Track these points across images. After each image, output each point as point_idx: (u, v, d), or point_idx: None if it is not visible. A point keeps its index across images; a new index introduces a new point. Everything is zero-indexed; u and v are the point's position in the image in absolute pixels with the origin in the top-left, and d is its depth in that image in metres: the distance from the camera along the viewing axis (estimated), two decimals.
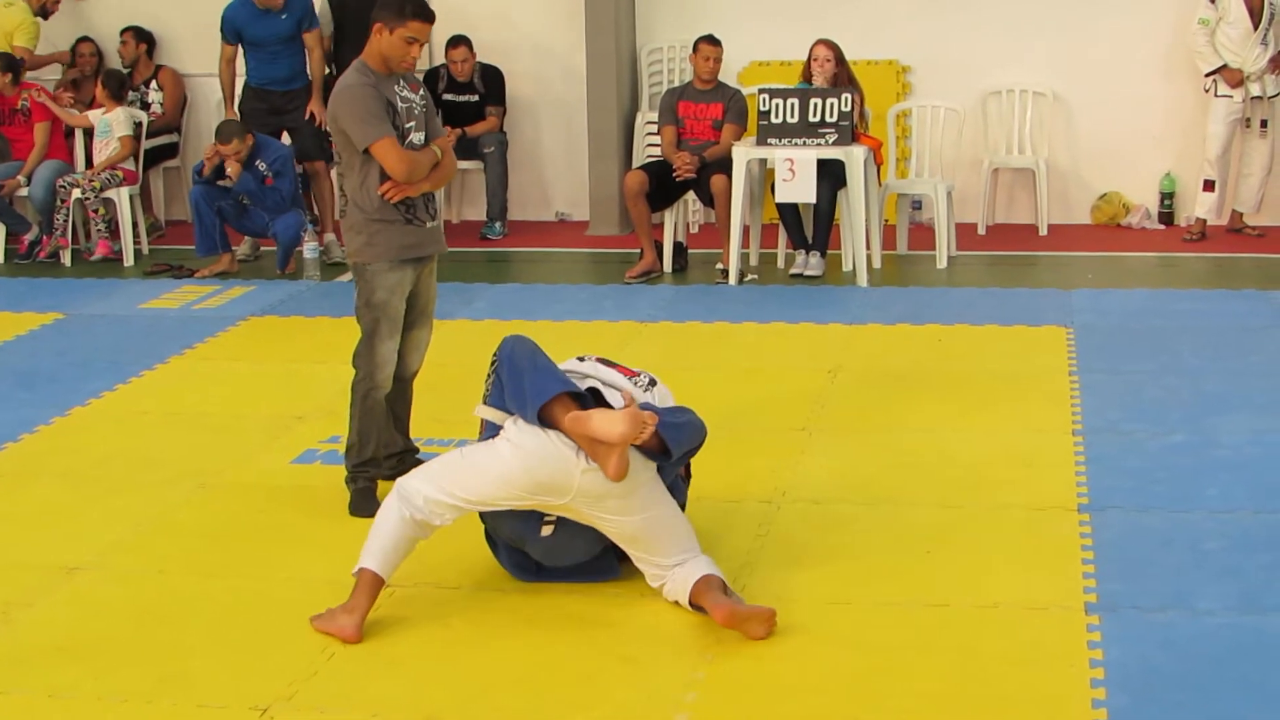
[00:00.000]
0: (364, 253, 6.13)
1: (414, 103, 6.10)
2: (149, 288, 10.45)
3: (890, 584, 5.31)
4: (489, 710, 4.52)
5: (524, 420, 5.03)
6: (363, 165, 6.03)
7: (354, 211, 6.14)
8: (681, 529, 5.20)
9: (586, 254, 11.42)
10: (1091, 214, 11.85)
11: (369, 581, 5.01)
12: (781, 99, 9.96)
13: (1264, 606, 5.04)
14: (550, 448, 4.98)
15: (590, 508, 5.04)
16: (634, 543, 5.14)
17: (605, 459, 4.90)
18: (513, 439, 5.03)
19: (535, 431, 5.00)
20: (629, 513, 5.06)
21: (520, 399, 5.05)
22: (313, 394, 7.74)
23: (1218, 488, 6.11)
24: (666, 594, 5.14)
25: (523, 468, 4.98)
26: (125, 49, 12.51)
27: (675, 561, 5.11)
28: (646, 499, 5.10)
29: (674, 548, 5.13)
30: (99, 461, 6.84)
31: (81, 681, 4.74)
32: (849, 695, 4.53)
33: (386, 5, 5.94)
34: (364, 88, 5.97)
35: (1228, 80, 10.87)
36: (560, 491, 5.00)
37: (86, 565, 5.66)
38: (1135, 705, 4.40)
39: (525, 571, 5.41)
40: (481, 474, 5.05)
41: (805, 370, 7.92)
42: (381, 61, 6.00)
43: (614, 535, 5.15)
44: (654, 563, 5.14)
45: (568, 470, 4.97)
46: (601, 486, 4.97)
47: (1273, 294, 9.32)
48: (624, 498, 5.03)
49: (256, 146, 10.59)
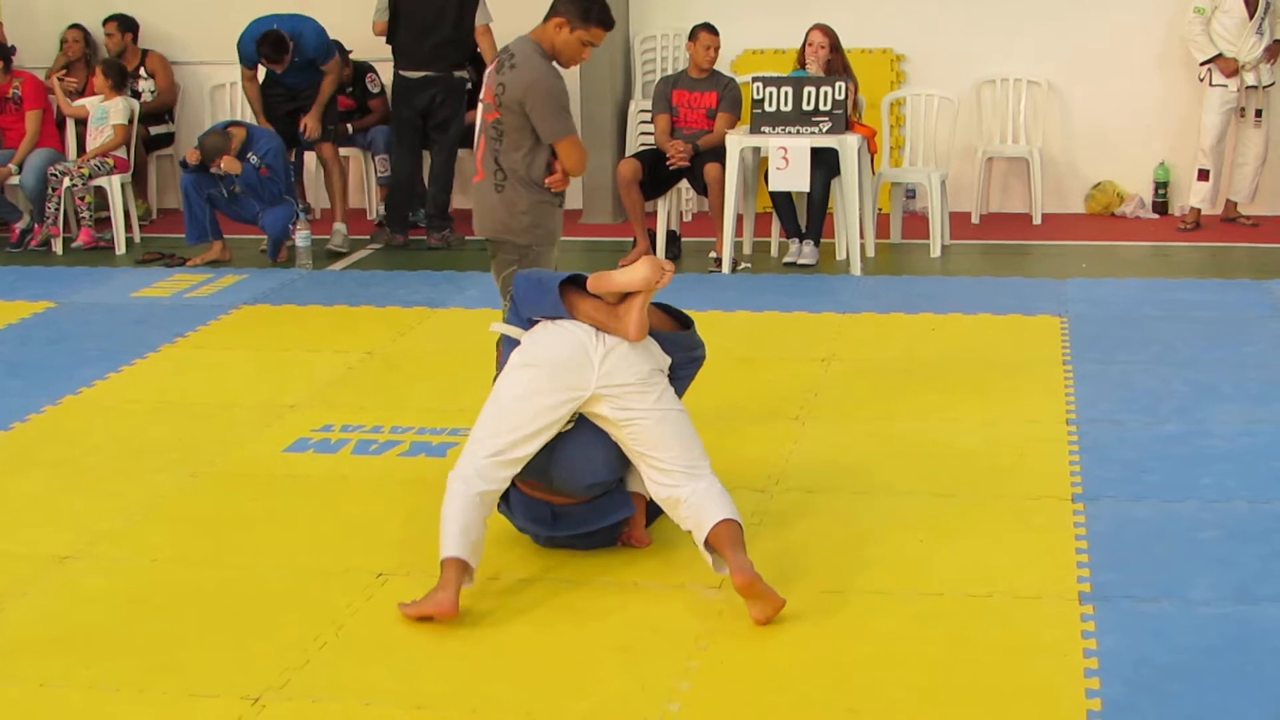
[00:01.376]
0: (532, 233, 6.29)
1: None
2: (140, 276, 10.43)
3: (883, 573, 5.30)
4: (481, 699, 4.51)
5: (544, 311, 5.19)
6: (532, 148, 6.15)
7: (519, 190, 6.24)
8: (697, 439, 5.23)
9: (580, 242, 11.39)
10: (1085, 203, 11.86)
11: (455, 567, 4.99)
12: (775, 87, 9.95)
13: (1257, 597, 5.03)
14: (564, 335, 5.13)
15: (614, 399, 5.09)
16: (652, 444, 5.12)
17: (625, 317, 5.07)
18: (526, 345, 5.18)
19: (548, 327, 5.17)
20: (652, 403, 5.11)
21: (539, 294, 5.21)
22: (305, 382, 7.73)
23: (1211, 478, 6.10)
24: (680, 519, 5.13)
25: (539, 363, 5.09)
26: (111, 40, 12.48)
27: (690, 468, 5.12)
28: (663, 395, 5.17)
29: (690, 452, 5.15)
30: (90, 450, 6.83)
31: (73, 671, 4.73)
32: (842, 684, 4.52)
33: (572, 2, 6.00)
34: (557, 79, 6.12)
35: (1223, 69, 10.87)
36: (582, 378, 5.07)
37: (78, 554, 5.65)
38: (1128, 695, 4.39)
39: (542, 525, 5.40)
40: (508, 402, 5.13)
41: (799, 359, 7.92)
42: (552, 51, 6.04)
43: (635, 436, 5.14)
44: (668, 469, 5.12)
45: (586, 353, 5.09)
46: (624, 370, 5.08)
47: (1267, 284, 9.32)
48: (645, 385, 5.11)
49: (248, 139, 10.58)
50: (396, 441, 6.79)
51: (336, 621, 5.01)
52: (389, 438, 6.84)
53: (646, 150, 10.80)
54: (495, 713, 4.43)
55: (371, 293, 9.69)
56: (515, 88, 6.11)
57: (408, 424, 7.00)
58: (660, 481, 5.14)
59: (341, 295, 9.67)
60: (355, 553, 5.59)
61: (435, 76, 10.93)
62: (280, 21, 10.98)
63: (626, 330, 5.09)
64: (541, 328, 5.22)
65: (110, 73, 11.53)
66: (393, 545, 5.64)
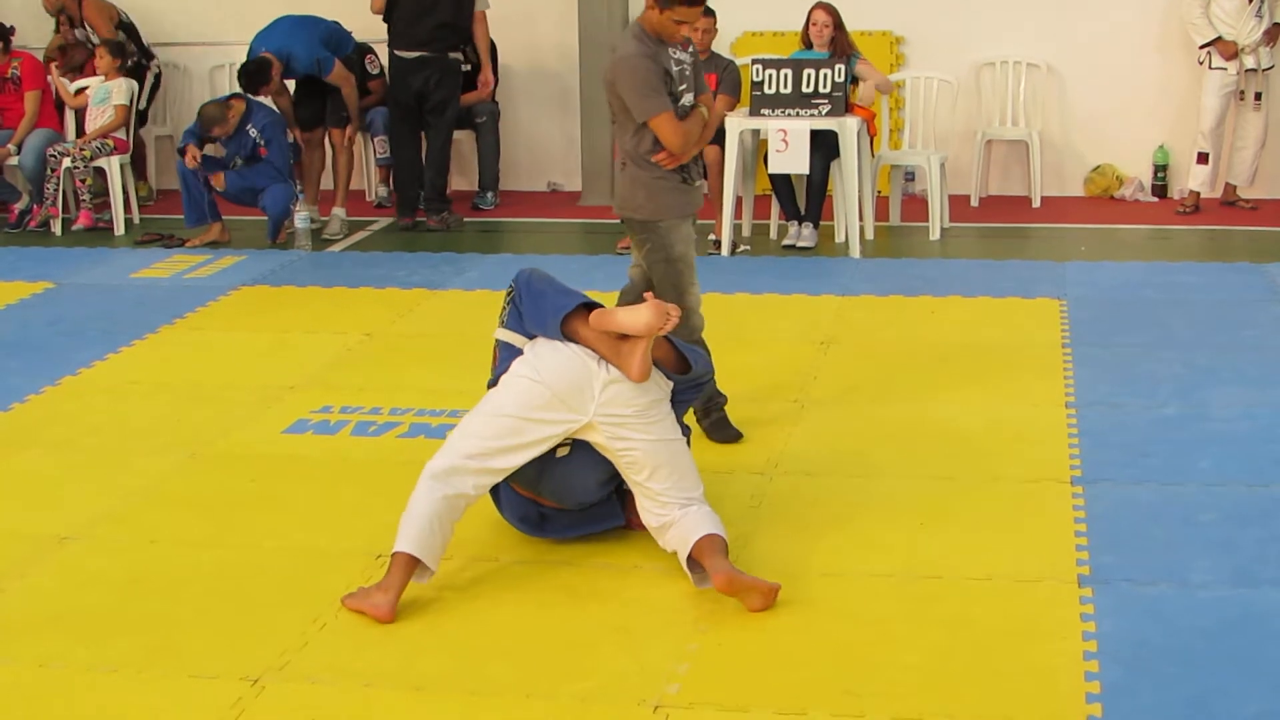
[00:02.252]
0: (648, 209, 6.29)
1: (685, 64, 6.19)
2: (140, 257, 10.42)
3: (882, 556, 5.30)
4: (480, 680, 4.51)
5: (545, 335, 5.13)
6: (637, 130, 6.17)
7: (635, 169, 6.26)
8: (692, 468, 5.21)
9: (578, 224, 11.40)
10: (1085, 186, 11.85)
11: (403, 563, 4.95)
12: (775, 70, 9.93)
13: (1256, 580, 5.04)
14: (571, 359, 5.07)
15: (611, 429, 5.05)
16: (648, 473, 5.10)
17: (629, 357, 5.01)
18: (530, 359, 5.11)
19: (556, 346, 5.10)
20: (648, 434, 5.08)
21: (541, 315, 5.15)
22: (304, 364, 7.73)
23: (1210, 461, 6.11)
24: (667, 542, 5.12)
25: (544, 381, 5.03)
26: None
27: (684, 499, 5.11)
28: (664, 425, 5.14)
29: (686, 482, 5.14)
30: (89, 431, 6.82)
31: (71, 652, 4.73)
32: (841, 667, 4.53)
33: None
34: (642, 59, 6.05)
35: (1222, 53, 10.85)
36: (581, 405, 5.02)
37: (77, 535, 5.65)
38: (1127, 678, 4.40)
39: (528, 524, 5.40)
40: (499, 410, 5.08)
41: (797, 342, 7.92)
42: (654, 32, 6.09)
43: (629, 464, 5.11)
44: (663, 499, 5.11)
45: (589, 380, 5.03)
46: (624, 401, 5.03)
47: (1266, 267, 9.31)
48: (643, 417, 5.07)
49: (247, 111, 10.57)
50: (395, 423, 6.79)
51: (335, 603, 5.01)
52: (388, 419, 6.84)
53: None
54: (494, 694, 4.44)
55: (371, 274, 9.68)
56: (608, 71, 6.19)
57: (407, 405, 6.99)
58: (653, 510, 5.14)
59: (340, 277, 9.67)
60: (354, 534, 5.59)
61: (430, 58, 10.89)
62: (273, 41, 10.92)
63: (629, 372, 5.02)
64: (548, 344, 5.15)
65: (115, 52, 11.50)
66: (391, 527, 5.57)
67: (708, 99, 6.34)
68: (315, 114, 11.25)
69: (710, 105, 6.36)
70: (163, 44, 12.79)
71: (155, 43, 12.67)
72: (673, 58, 6.14)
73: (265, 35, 10.98)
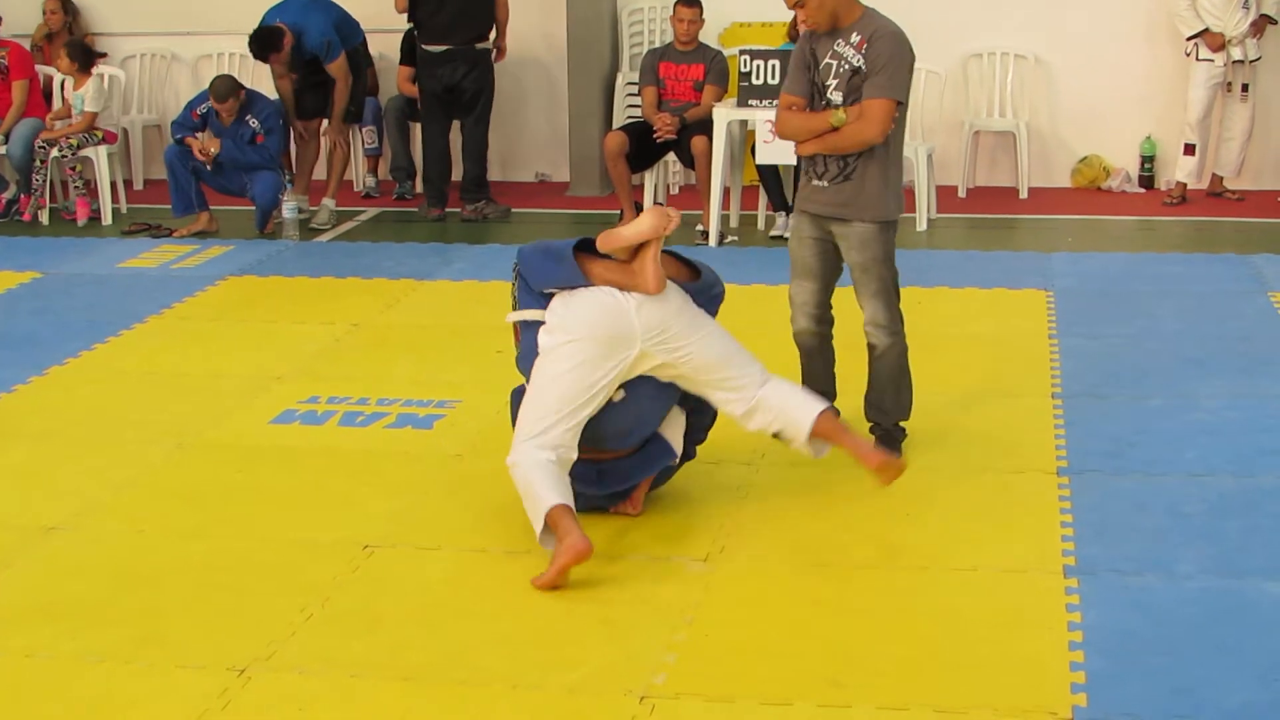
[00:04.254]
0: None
1: (845, 60, 5.80)
2: (127, 247, 10.41)
3: (869, 547, 5.31)
4: (468, 671, 4.52)
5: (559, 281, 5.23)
6: None
7: None
8: (742, 348, 5.40)
9: (567, 215, 11.39)
10: (1072, 177, 11.86)
11: (563, 512, 4.98)
12: (763, 60, 9.92)
13: (1241, 570, 5.05)
14: (594, 300, 5.18)
15: (660, 345, 5.19)
16: (710, 368, 5.29)
17: (641, 273, 5.16)
18: (556, 324, 5.19)
19: (574, 296, 5.20)
20: (693, 334, 5.24)
21: (549, 265, 5.27)
22: (291, 354, 7.72)
23: (1196, 451, 6.12)
24: (759, 423, 5.34)
25: (582, 336, 5.12)
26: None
27: (758, 376, 5.33)
28: (697, 319, 5.31)
29: (744, 358, 5.37)
30: (77, 422, 6.82)
31: (59, 641, 4.73)
32: (827, 657, 4.54)
33: None
34: (802, 40, 5.98)
35: (1209, 44, 10.86)
36: (628, 338, 5.15)
37: (64, 525, 5.65)
38: (1113, 668, 4.41)
39: (586, 484, 5.35)
40: (558, 376, 5.14)
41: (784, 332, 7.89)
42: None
43: (695, 369, 5.27)
44: (738, 383, 5.32)
45: (622, 311, 5.16)
46: (658, 316, 5.17)
47: (1252, 258, 9.33)
48: (683, 320, 5.22)
49: (247, 100, 10.56)
50: (383, 413, 6.79)
51: (323, 593, 5.01)
52: (375, 410, 6.84)
53: (633, 123, 10.79)
54: (481, 684, 4.44)
55: (358, 264, 9.68)
56: None
57: (394, 396, 6.99)
58: (732, 399, 5.35)
59: (328, 267, 9.66)
60: (341, 524, 5.59)
61: (457, 50, 10.87)
62: (288, 14, 10.88)
63: (646, 285, 5.16)
64: (562, 302, 5.22)
65: (75, 54, 11.26)
66: (379, 517, 5.64)
67: (854, 110, 5.76)
68: (317, 104, 11.19)
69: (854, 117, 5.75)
70: (149, 33, 12.78)
71: (141, 31, 12.66)
72: (833, 49, 5.81)
73: (280, 8, 10.93)
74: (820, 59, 5.85)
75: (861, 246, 5.94)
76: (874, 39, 5.77)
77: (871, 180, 5.87)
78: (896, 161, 5.95)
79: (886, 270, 5.97)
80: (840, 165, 5.90)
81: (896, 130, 5.85)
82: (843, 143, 5.83)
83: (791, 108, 5.95)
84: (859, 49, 5.77)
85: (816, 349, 6.22)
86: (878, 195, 5.89)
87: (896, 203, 5.98)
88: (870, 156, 5.86)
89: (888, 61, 5.75)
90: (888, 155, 5.89)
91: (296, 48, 10.87)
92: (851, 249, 5.96)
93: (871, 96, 5.75)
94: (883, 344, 6.07)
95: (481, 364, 7.32)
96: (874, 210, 5.90)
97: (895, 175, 5.94)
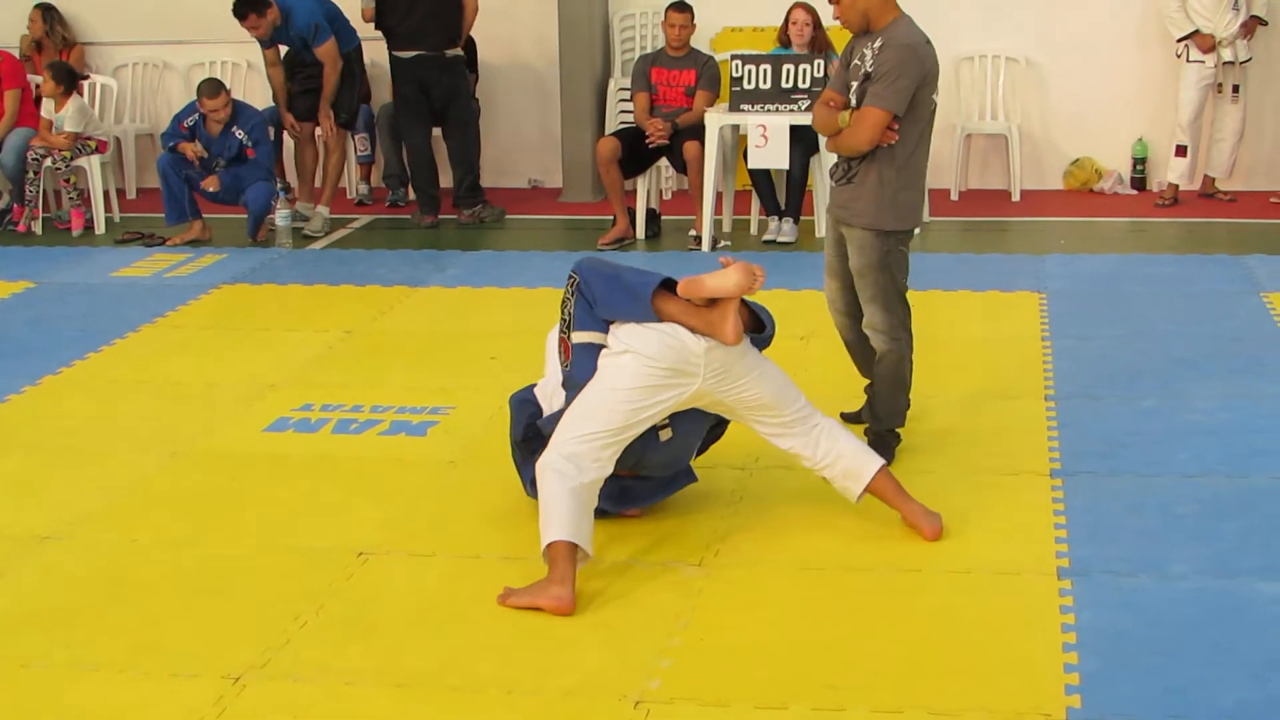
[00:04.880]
0: None
1: (864, 64, 5.87)
2: (120, 256, 10.41)
3: (863, 549, 5.31)
4: (462, 677, 4.51)
5: (630, 318, 5.17)
6: None
7: None
8: (791, 383, 5.45)
9: (559, 220, 11.41)
10: (1064, 179, 11.88)
11: (565, 552, 4.90)
12: (754, 65, 9.94)
13: (1235, 570, 5.06)
14: (666, 336, 5.13)
15: (720, 382, 5.20)
16: (766, 407, 5.32)
17: (721, 323, 5.12)
18: (627, 344, 5.14)
19: (643, 329, 5.15)
20: (753, 373, 5.25)
21: (623, 298, 5.19)
22: (285, 362, 7.72)
23: (1189, 452, 6.13)
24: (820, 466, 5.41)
25: (652, 361, 5.09)
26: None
27: (804, 414, 5.39)
28: (758, 359, 5.33)
29: (797, 400, 5.40)
30: (70, 430, 6.82)
31: (52, 651, 4.73)
32: (822, 660, 4.54)
33: None
34: (846, 46, 6.07)
35: (1199, 46, 10.88)
36: (691, 372, 5.13)
37: (58, 534, 5.65)
38: (1106, 669, 4.41)
39: (609, 500, 5.32)
40: (618, 390, 5.11)
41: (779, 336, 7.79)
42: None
43: (750, 409, 5.32)
44: (781, 420, 5.36)
45: (691, 349, 5.12)
46: (724, 358, 5.15)
47: (1244, 259, 9.34)
48: (744, 361, 5.22)
49: (234, 112, 10.56)
50: (377, 421, 6.79)
51: (317, 601, 5.01)
52: (369, 417, 6.84)
53: (626, 128, 10.79)
54: (476, 690, 4.44)
55: (352, 271, 9.68)
56: None
57: (388, 403, 6.99)
58: (775, 433, 5.39)
59: (321, 274, 9.66)
60: (335, 532, 5.58)
61: (427, 56, 10.88)
62: None
63: (725, 337, 5.11)
64: (633, 330, 5.16)
65: (59, 76, 11.26)
66: (373, 524, 5.64)
67: (855, 115, 5.89)
68: (312, 107, 11.17)
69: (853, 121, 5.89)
70: (140, 42, 12.78)
71: (133, 40, 12.66)
72: (862, 52, 5.92)
73: None
74: (852, 59, 5.99)
75: (858, 251, 6.02)
76: (885, 47, 5.83)
77: (869, 186, 5.93)
78: (906, 173, 5.94)
79: (883, 276, 6.01)
80: (845, 168, 6.03)
81: (904, 143, 5.88)
82: (840, 145, 5.99)
83: (828, 104, 6.08)
84: (875, 55, 5.83)
85: (856, 343, 6.41)
86: (873, 202, 5.93)
87: (895, 214, 5.96)
88: (871, 163, 5.92)
89: (889, 71, 5.78)
90: (892, 164, 5.90)
91: (284, 33, 10.83)
92: (852, 252, 6.08)
93: (867, 104, 5.83)
94: (880, 349, 6.14)
95: (475, 370, 7.33)
96: (868, 217, 5.95)
97: (898, 186, 5.93)
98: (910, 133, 5.88)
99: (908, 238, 6.08)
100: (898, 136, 5.85)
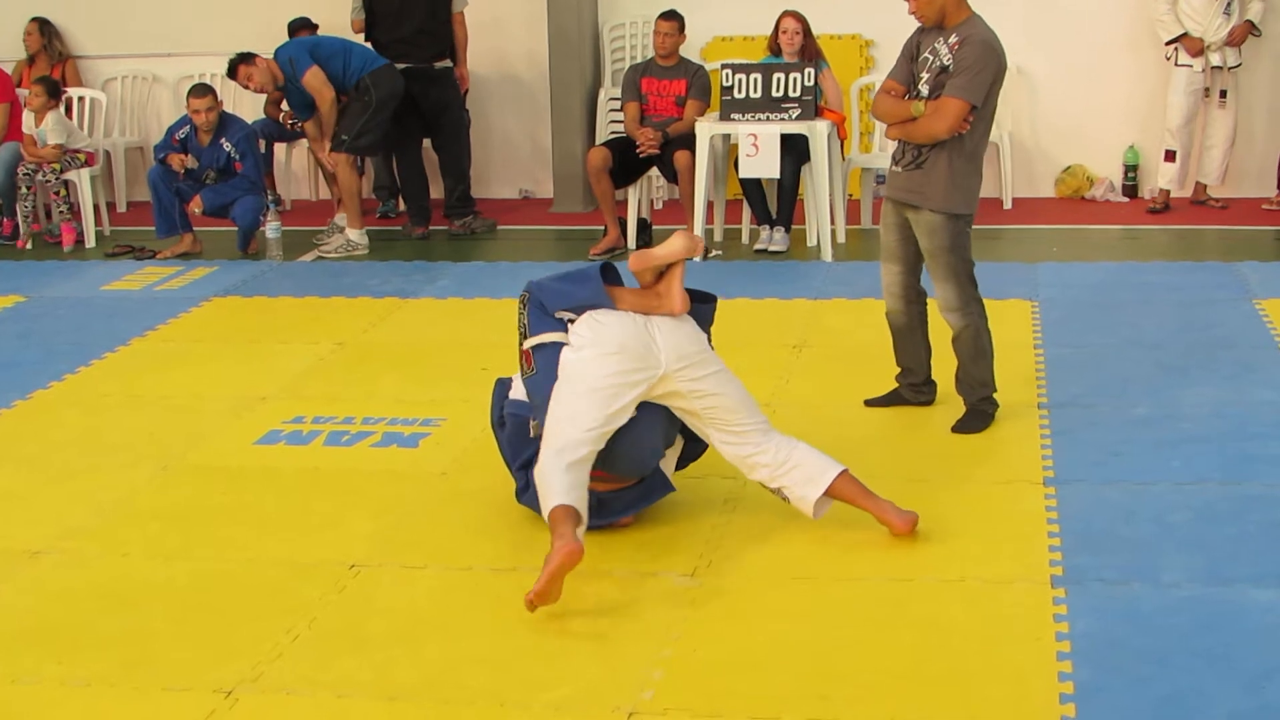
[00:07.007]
0: None
1: (939, 57, 6.24)
2: (110, 269, 10.40)
3: (855, 559, 5.31)
4: (454, 689, 4.50)
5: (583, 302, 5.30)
6: None
7: None
8: (750, 396, 5.48)
9: (550, 231, 11.40)
10: (1056, 187, 11.88)
11: (563, 514, 4.96)
12: (745, 74, 9.95)
13: (1228, 578, 5.05)
14: (620, 323, 5.26)
15: (684, 373, 5.27)
16: (728, 410, 5.37)
17: (667, 295, 5.31)
18: (588, 336, 5.25)
19: (597, 319, 5.27)
20: (709, 368, 5.34)
21: (574, 288, 5.35)
22: (275, 374, 7.71)
23: (1182, 460, 6.12)
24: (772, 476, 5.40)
25: (616, 348, 5.21)
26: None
27: (760, 425, 5.42)
28: (712, 356, 5.41)
29: (755, 412, 5.45)
30: (61, 445, 6.80)
31: (44, 666, 4.71)
32: (814, 670, 4.53)
33: None
34: (908, 39, 6.39)
35: (1188, 49, 10.88)
36: (654, 357, 5.23)
37: (48, 549, 5.63)
38: (1100, 678, 4.40)
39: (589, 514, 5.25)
40: (586, 390, 5.19)
41: (770, 345, 7.92)
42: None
43: (702, 406, 5.35)
44: (741, 428, 5.39)
45: (646, 334, 5.26)
46: (680, 342, 5.28)
47: (1236, 265, 9.34)
48: (696, 346, 5.35)
49: (221, 124, 10.55)
50: (368, 433, 6.78)
51: (309, 614, 5.00)
52: (360, 429, 6.82)
53: (616, 138, 10.80)
54: (468, 702, 4.43)
55: (342, 284, 9.67)
56: None
57: (379, 415, 6.98)
58: (732, 442, 5.41)
59: (312, 286, 9.65)
60: (327, 545, 5.57)
61: (416, 69, 10.89)
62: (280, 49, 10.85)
63: (673, 305, 5.30)
64: (588, 324, 5.27)
65: (50, 90, 11.25)
66: (364, 537, 5.63)
67: (933, 104, 6.23)
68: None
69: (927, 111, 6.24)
70: (130, 55, 12.77)
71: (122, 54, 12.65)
72: (933, 46, 6.27)
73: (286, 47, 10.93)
74: (921, 52, 6.31)
75: (930, 234, 6.43)
76: (965, 43, 6.21)
77: (939, 172, 6.33)
78: (971, 161, 6.36)
79: (954, 258, 6.45)
80: (915, 154, 6.40)
81: (973, 132, 6.28)
82: (915, 133, 6.33)
83: (890, 92, 6.41)
84: (952, 50, 6.22)
85: (905, 328, 6.74)
86: (944, 187, 6.34)
87: (964, 198, 6.40)
88: (941, 149, 6.31)
89: (971, 65, 6.19)
90: (961, 152, 6.30)
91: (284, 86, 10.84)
92: (921, 235, 6.48)
93: (948, 95, 6.20)
94: (956, 326, 6.54)
95: (466, 382, 7.31)
96: (939, 200, 6.36)
97: (966, 173, 6.36)
98: (979, 124, 6.29)
99: (971, 220, 6.46)
100: (969, 126, 6.22)
